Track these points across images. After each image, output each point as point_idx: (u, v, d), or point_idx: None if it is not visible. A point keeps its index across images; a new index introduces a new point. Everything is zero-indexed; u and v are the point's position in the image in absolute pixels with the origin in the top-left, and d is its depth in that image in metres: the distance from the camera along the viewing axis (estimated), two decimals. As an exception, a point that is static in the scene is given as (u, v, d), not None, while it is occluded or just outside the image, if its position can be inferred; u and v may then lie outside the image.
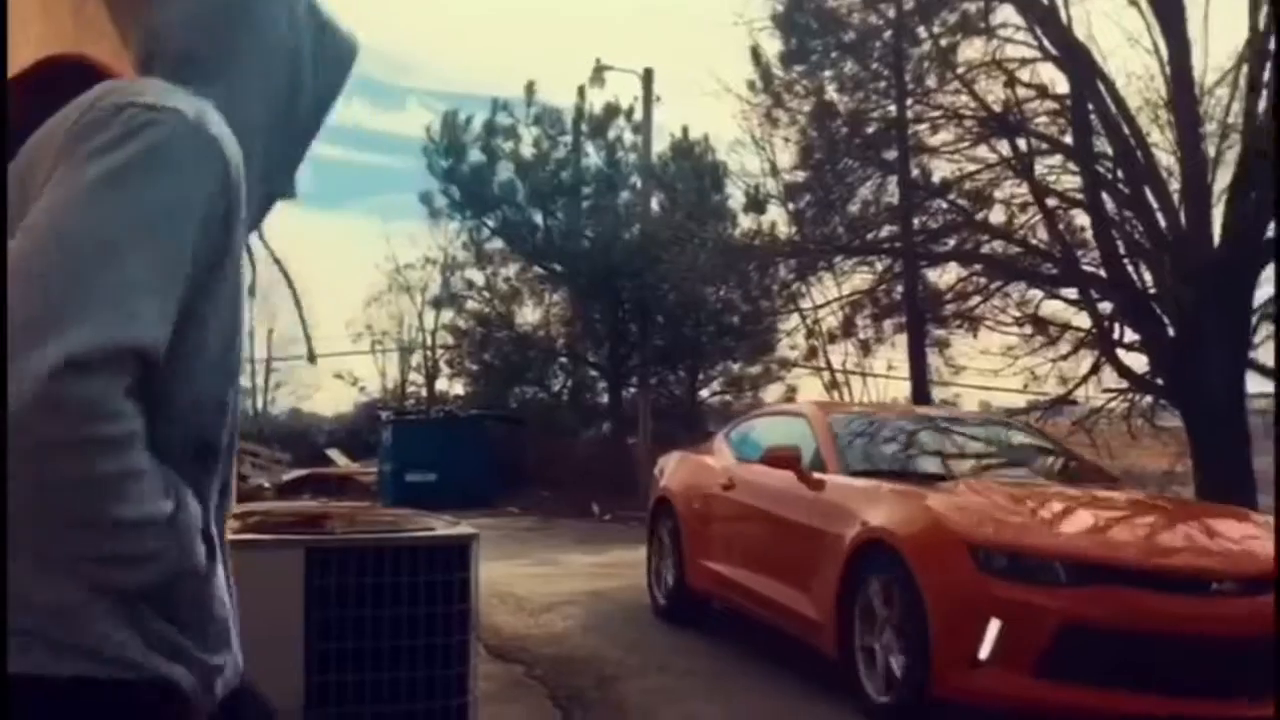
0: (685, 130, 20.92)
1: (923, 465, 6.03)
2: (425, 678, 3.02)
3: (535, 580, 8.97)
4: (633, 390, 20.44)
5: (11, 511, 1.00)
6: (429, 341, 28.58)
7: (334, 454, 24.86)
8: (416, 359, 29.48)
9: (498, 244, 21.32)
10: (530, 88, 20.61)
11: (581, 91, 20.46)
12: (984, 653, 4.14)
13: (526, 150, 20.50)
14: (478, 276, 22.58)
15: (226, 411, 1.16)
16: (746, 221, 18.63)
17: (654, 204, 20.09)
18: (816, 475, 5.66)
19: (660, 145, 20.88)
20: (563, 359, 21.77)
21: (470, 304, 22.89)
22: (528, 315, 22.36)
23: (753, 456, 6.45)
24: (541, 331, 22.07)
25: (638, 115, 20.27)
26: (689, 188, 20.16)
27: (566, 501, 17.38)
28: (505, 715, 4.72)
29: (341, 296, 49.25)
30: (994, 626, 4.12)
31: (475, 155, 20.43)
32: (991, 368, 13.10)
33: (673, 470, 7.57)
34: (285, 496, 16.56)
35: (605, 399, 21.24)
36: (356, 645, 2.97)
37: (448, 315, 24.28)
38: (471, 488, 17.48)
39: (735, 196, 19.08)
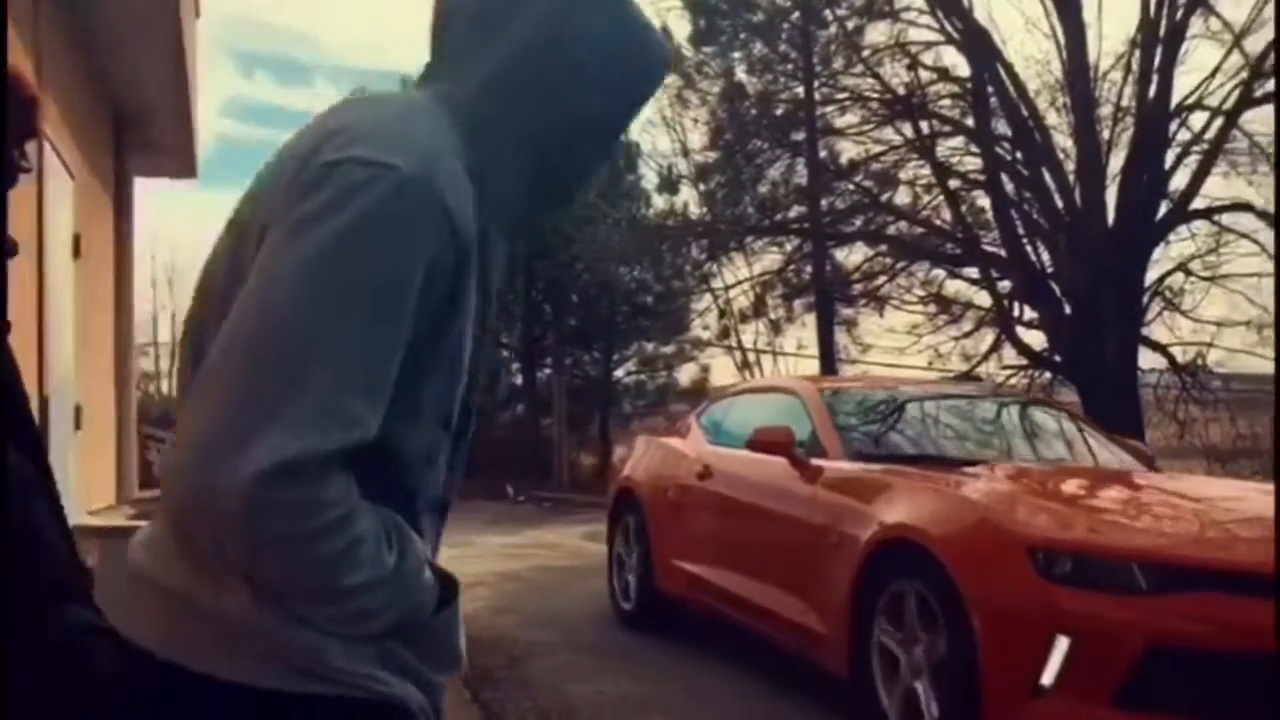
0: (598, 111, 20.85)
1: (939, 448, 5.11)
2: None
3: (448, 562, 8.64)
4: (547, 371, 20.42)
5: (259, 577, 1.03)
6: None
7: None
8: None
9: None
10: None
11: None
12: (1048, 678, 3.38)
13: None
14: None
15: (437, 463, 1.15)
16: (660, 202, 18.80)
17: (567, 184, 19.99)
18: (815, 461, 4.84)
19: (573, 125, 20.78)
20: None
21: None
22: (440, 295, 22.12)
23: (732, 440, 5.70)
24: (453, 312, 21.87)
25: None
26: (602, 167, 20.14)
27: (480, 484, 17.28)
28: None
29: (247, 278, 48.18)
30: (1061, 646, 3.37)
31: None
32: (897, 345, 13.39)
33: (638, 457, 6.66)
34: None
35: (519, 380, 21.17)
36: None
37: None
38: (384, 471, 17.34)
39: (648, 177, 19.18)
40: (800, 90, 14.13)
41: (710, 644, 5.55)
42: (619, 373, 21.36)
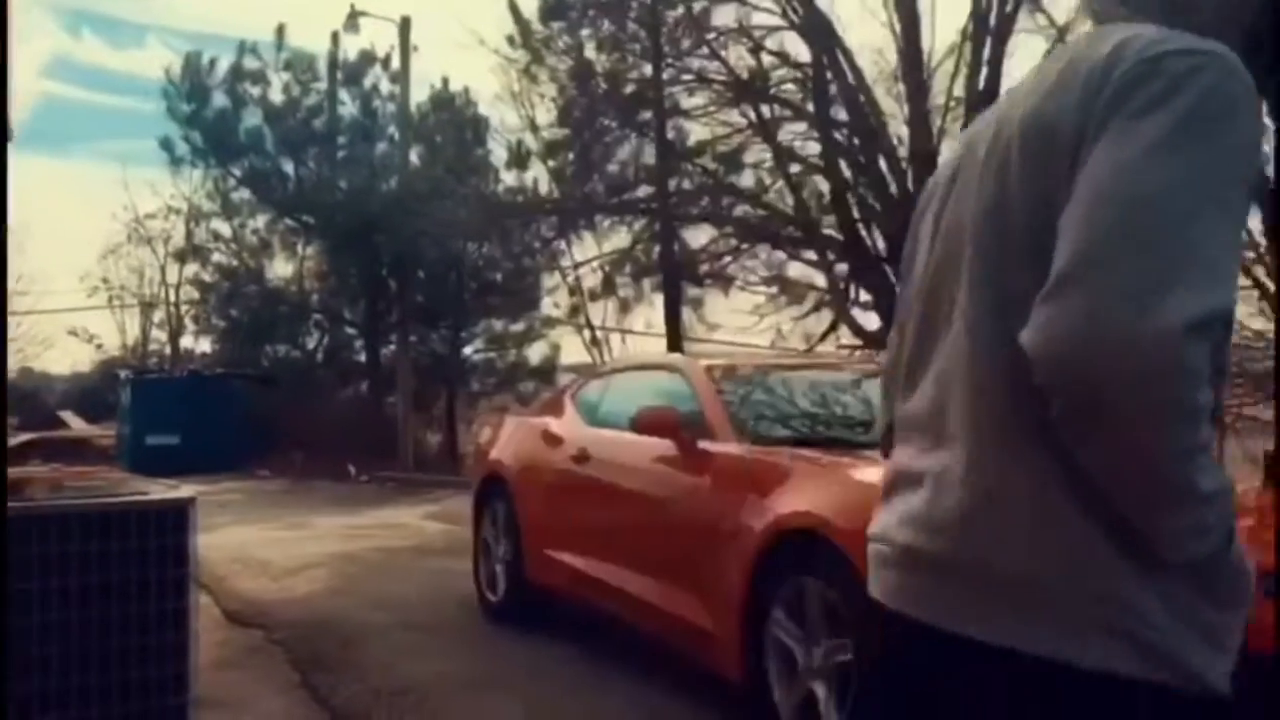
0: (445, 82, 20.59)
1: (832, 428, 4.74)
2: (138, 645, 2.90)
3: (283, 544, 8.73)
4: (392, 348, 20.05)
5: (1077, 481, 1.00)
6: (172, 296, 27.12)
7: (68, 416, 23.27)
8: (159, 315, 27.95)
9: (245, 194, 20.40)
10: (280, 31, 19.79)
11: (335, 38, 19.81)
12: None
13: (276, 96, 19.69)
14: (224, 228, 21.62)
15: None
16: (509, 178, 18.64)
17: (413, 156, 19.69)
18: (703, 444, 4.48)
19: (420, 96, 20.50)
20: (317, 315, 21.11)
21: (216, 257, 21.87)
22: (279, 269, 21.56)
23: (611, 421, 5.36)
24: (294, 286, 21.29)
25: (395, 64, 19.76)
26: (449, 141, 19.88)
27: (322, 463, 16.92)
28: (240, 682, 4.59)
29: (74, 247, 45.97)
30: None
31: (220, 100, 19.46)
32: (742, 325, 13.66)
33: (506, 438, 6.26)
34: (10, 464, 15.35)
35: (363, 357, 20.74)
36: (62, 616, 2.82)
37: (192, 269, 23.12)
38: (219, 451, 16.83)
39: (498, 152, 19.00)
40: (649, 70, 14.20)
41: (560, 625, 5.52)
42: (467, 350, 21.14)
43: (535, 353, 20.88)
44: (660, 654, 4.51)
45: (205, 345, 24.00)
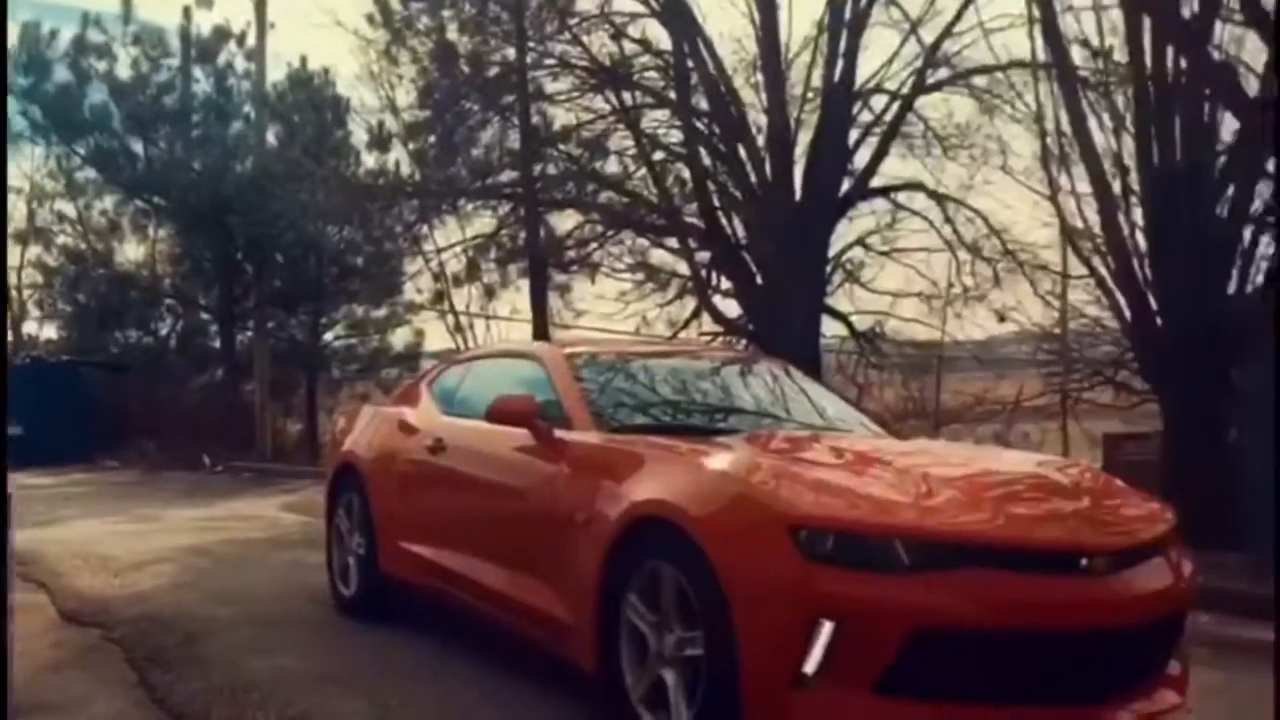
0: (304, 60, 20.01)
1: (692, 416, 4.78)
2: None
3: (128, 538, 8.40)
4: (249, 334, 19.45)
5: None
6: (15, 280, 25.76)
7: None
8: (-2, 299, 26.52)
9: (91, 174, 19.50)
10: (127, 3, 18.92)
11: (187, 12, 19.07)
12: (810, 666, 3.15)
13: (123, 72, 18.85)
14: (69, 209, 20.62)
15: None
16: (370, 160, 18.27)
17: (270, 137, 19.12)
18: (560, 434, 4.43)
19: (276, 75, 19.85)
20: (169, 300, 20.30)
21: (62, 239, 20.84)
22: (129, 252, 20.67)
23: (468, 410, 5.22)
24: (145, 270, 20.44)
25: (251, 41, 19.13)
26: (307, 121, 19.37)
27: (174, 453, 16.35)
28: (73, 683, 4.41)
29: (-96, 227, 43.19)
30: (825, 631, 3.14)
31: (62, 74, 18.53)
32: (608, 312, 13.71)
33: (362, 429, 6.11)
34: None
35: (218, 343, 20.05)
36: None
37: (35, 251, 21.97)
38: (65, 441, 16.18)
39: (359, 133, 18.60)
40: (512, 53, 14.05)
41: (416, 618, 5.43)
42: (328, 336, 20.67)
43: (399, 339, 20.58)
44: (517, 646, 4.48)
45: (50, 331, 22.84)
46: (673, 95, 11.19)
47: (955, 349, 12.18)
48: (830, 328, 12.10)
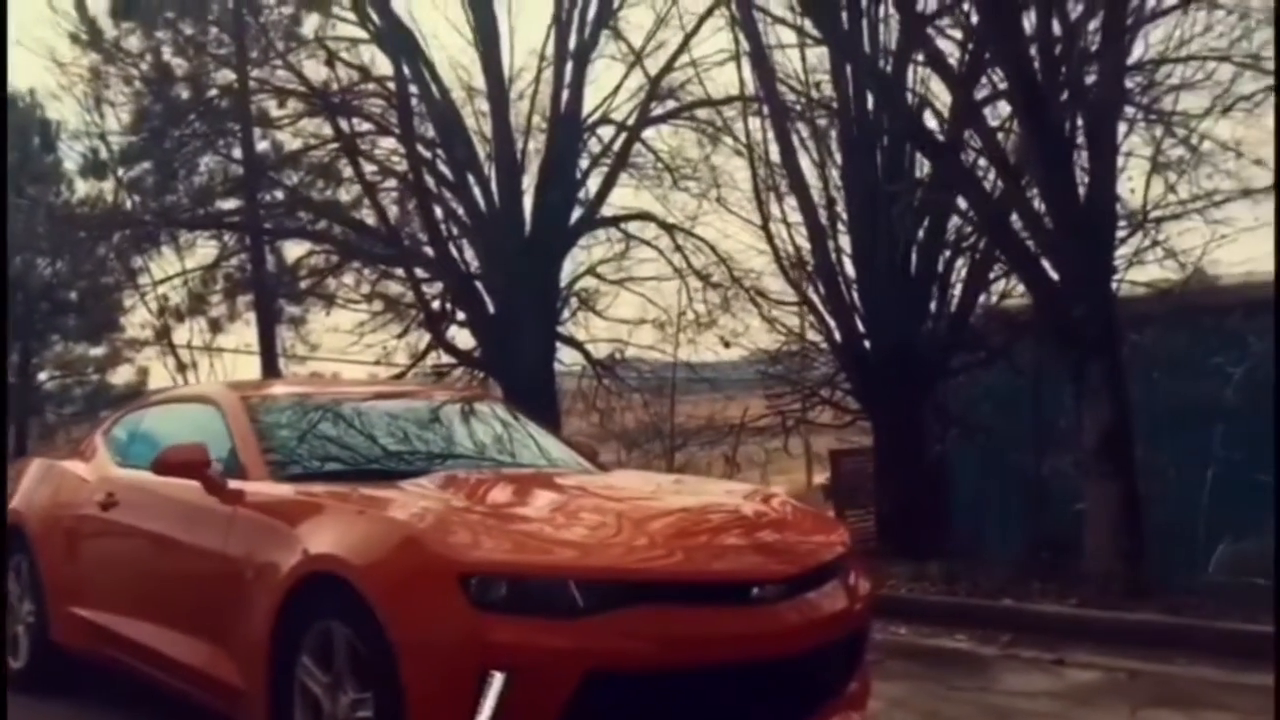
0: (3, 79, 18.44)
1: (381, 460, 4.53)
2: None
3: None
4: (-54, 377, 17.68)
5: None
6: None
7: None
8: None
9: None
10: None
11: None
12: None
13: None
14: None
15: None
16: (85, 187, 17.01)
17: (-35, 162, 17.49)
18: (234, 484, 4.14)
19: (-28, 95, 18.20)
20: None
21: None
22: None
23: (142, 461, 4.78)
24: None
25: (-60, 58, 17.48)
26: (12, 146, 17.86)
27: None
28: None
29: None
30: (496, 683, 3.06)
31: None
32: (344, 345, 13.24)
33: (30, 484, 5.66)
34: None
35: (-93, 388, 18.13)
36: None
37: None
38: None
39: (72, 158, 17.31)
40: (234, 77, 13.42)
41: (91, 691, 5.00)
42: (41, 377, 19.07)
43: (120, 378, 19.19)
44: (202, 717, 4.14)
45: None
46: (395, 122, 10.93)
47: (690, 373, 12.43)
48: (572, 356, 12.15)
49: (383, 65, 11.16)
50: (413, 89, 10.43)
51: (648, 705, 3.20)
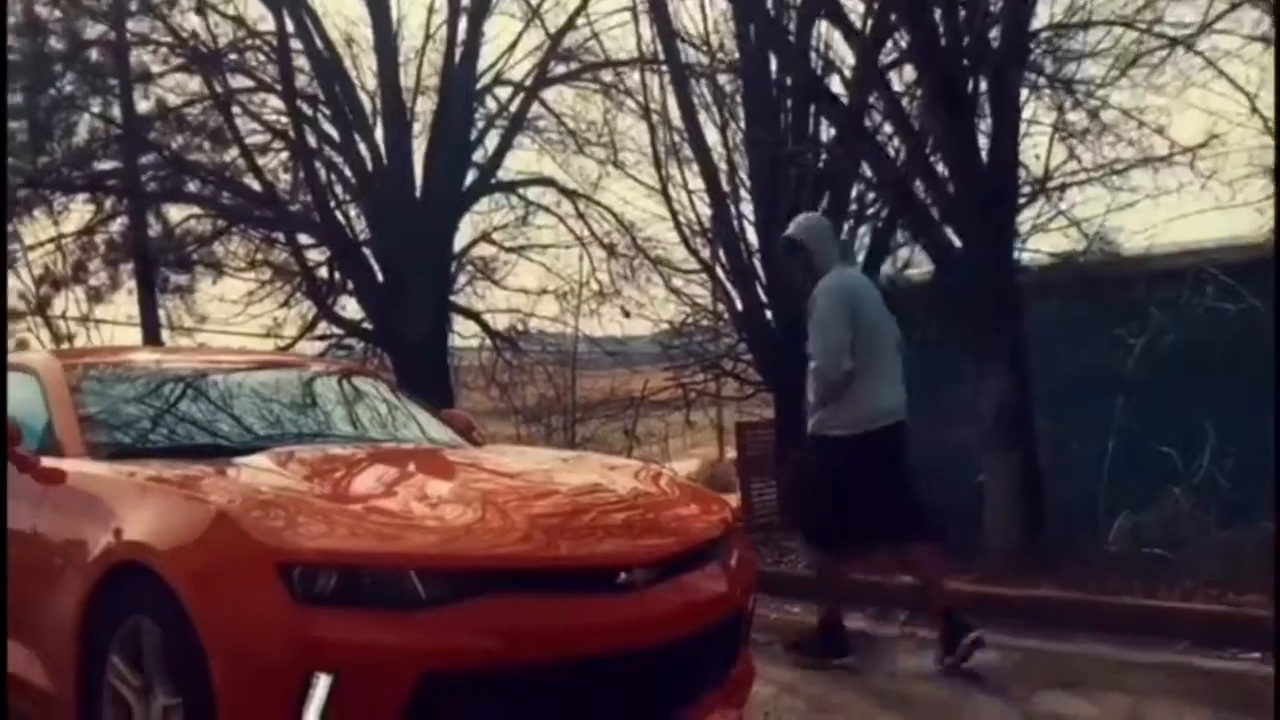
0: None
1: (212, 436, 4.07)
2: None
3: None
4: None
5: None
6: None
7: None
8: None
9: None
10: None
11: None
12: None
13: None
14: None
15: None
16: (-47, 147, 15.97)
17: None
18: (49, 463, 3.72)
19: None
20: None
21: None
22: None
23: None
24: None
25: None
26: None
27: None
28: None
29: None
30: (322, 686, 2.70)
31: None
32: (231, 315, 12.61)
33: None
34: None
35: None
36: None
37: None
38: None
39: (-64, 116, 16.21)
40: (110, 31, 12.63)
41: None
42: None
43: (-9, 350, 18.18)
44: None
45: None
46: (273, 77, 10.31)
47: (591, 346, 12.08)
48: (470, 327, 11.71)
49: (259, 15, 10.56)
50: (295, 44, 9.83)
51: (497, 707, 2.86)
